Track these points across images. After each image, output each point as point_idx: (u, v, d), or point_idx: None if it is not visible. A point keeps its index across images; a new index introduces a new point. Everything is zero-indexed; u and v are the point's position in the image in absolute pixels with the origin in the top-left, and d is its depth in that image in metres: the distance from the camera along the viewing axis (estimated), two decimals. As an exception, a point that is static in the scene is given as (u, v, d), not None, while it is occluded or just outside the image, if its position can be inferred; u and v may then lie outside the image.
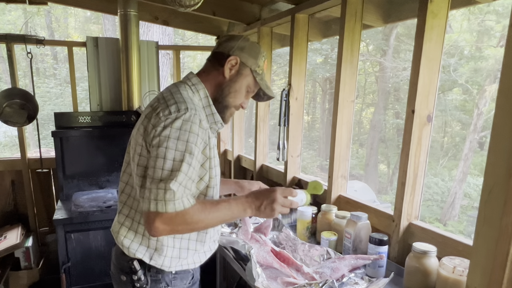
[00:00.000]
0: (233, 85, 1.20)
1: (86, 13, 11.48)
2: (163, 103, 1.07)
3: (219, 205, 1.08)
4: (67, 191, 2.68)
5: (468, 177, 9.37)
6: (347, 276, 1.36)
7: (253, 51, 1.21)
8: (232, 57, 1.17)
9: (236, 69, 1.19)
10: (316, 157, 12.49)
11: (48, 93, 10.62)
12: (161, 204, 0.97)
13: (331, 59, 10.42)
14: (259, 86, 1.25)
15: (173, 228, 1.01)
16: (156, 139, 1.02)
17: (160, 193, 0.98)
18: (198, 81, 1.19)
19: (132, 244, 1.15)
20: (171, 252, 1.16)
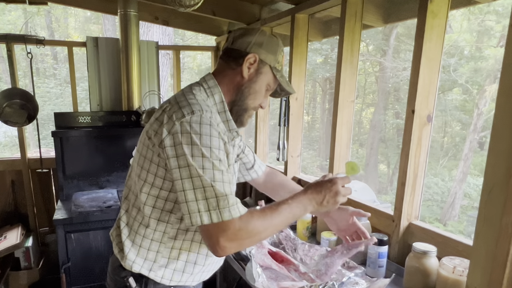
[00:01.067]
0: (253, 85, 1.09)
1: (86, 13, 11.48)
2: (175, 104, 0.98)
3: (279, 208, 0.98)
4: (67, 191, 2.68)
5: (468, 177, 9.37)
6: (347, 276, 1.35)
7: (272, 46, 1.09)
8: (251, 55, 1.06)
9: (255, 68, 1.08)
10: (316, 157, 12.48)
11: (48, 93, 10.62)
12: (216, 213, 0.88)
13: (331, 59, 10.42)
14: (277, 83, 1.14)
15: (240, 243, 0.92)
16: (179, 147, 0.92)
17: (211, 201, 0.88)
18: (215, 84, 1.08)
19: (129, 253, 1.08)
20: (174, 265, 1.08)
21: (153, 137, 0.98)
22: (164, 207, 1.04)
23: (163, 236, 1.06)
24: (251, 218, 0.92)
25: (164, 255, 1.07)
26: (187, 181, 0.90)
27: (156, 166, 1.00)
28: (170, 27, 3.69)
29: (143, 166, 1.03)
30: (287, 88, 1.16)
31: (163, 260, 1.08)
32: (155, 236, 1.06)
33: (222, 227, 0.88)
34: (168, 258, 1.08)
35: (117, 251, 1.11)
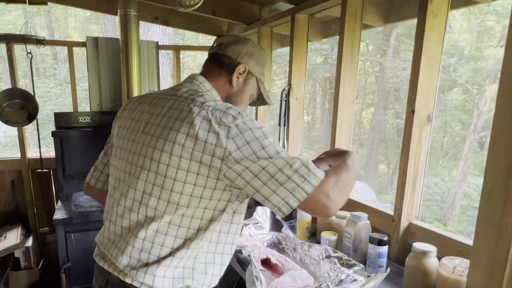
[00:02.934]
0: (240, 95, 1.13)
1: (86, 13, 11.48)
2: (214, 110, 0.94)
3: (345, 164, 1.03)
4: (67, 191, 2.68)
5: (468, 177, 9.37)
6: (345, 273, 1.35)
7: (260, 59, 1.14)
8: (241, 66, 1.09)
9: (243, 78, 1.11)
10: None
11: (48, 93, 10.62)
12: (313, 178, 0.90)
13: (331, 59, 10.42)
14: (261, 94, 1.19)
15: (341, 194, 0.95)
16: (246, 147, 0.90)
17: (302, 170, 0.89)
18: (211, 87, 1.09)
19: (167, 271, 0.99)
20: (211, 269, 1.06)
21: (196, 146, 0.92)
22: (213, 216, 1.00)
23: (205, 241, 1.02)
24: (336, 172, 0.97)
25: (201, 260, 1.04)
26: (271, 167, 0.89)
27: (204, 178, 0.94)
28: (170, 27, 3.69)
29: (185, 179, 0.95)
30: (267, 100, 1.21)
31: (200, 265, 1.04)
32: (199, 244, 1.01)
33: (324, 184, 0.91)
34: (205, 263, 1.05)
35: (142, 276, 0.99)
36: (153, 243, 0.99)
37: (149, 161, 0.97)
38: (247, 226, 1.80)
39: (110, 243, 1.07)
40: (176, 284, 1.00)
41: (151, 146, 0.98)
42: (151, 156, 0.97)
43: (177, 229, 0.99)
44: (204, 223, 1.00)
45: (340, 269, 1.40)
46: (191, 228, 0.99)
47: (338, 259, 1.46)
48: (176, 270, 1.00)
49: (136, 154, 1.01)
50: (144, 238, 0.99)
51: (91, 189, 1.31)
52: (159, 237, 0.98)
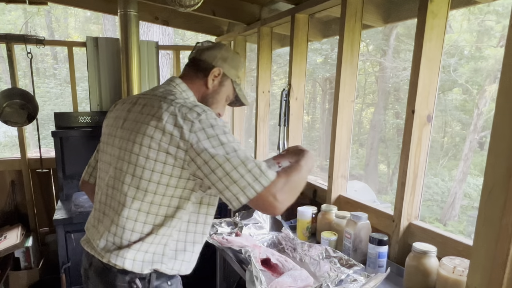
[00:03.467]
0: (216, 96, 1.23)
1: (86, 13, 11.48)
2: (181, 107, 1.04)
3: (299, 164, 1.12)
4: (67, 191, 2.68)
5: (468, 177, 9.36)
6: (345, 273, 1.36)
7: (235, 62, 1.23)
8: (216, 69, 1.19)
9: (219, 80, 1.21)
10: (316, 157, 12.48)
11: (48, 93, 10.61)
12: (263, 178, 0.98)
13: (331, 59, 10.41)
14: (235, 94, 1.29)
15: (290, 194, 1.02)
16: (206, 141, 0.99)
17: (255, 171, 0.98)
18: (187, 88, 1.19)
19: (137, 254, 1.08)
20: (181, 256, 1.14)
21: (163, 138, 1.01)
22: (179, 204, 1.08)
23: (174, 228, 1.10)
24: (286, 173, 1.04)
25: (171, 247, 1.11)
26: (227, 164, 0.97)
27: (171, 167, 1.03)
28: (170, 27, 3.69)
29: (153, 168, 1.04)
30: (243, 101, 1.32)
31: (171, 252, 1.11)
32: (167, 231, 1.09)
33: (273, 185, 0.98)
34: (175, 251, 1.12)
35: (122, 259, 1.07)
36: (124, 229, 1.08)
37: (124, 152, 1.09)
38: (247, 226, 1.80)
39: (93, 229, 1.18)
40: (145, 267, 1.08)
41: (127, 139, 1.09)
42: (126, 147, 1.08)
43: (146, 216, 1.07)
44: (172, 210, 1.08)
45: (340, 269, 1.40)
46: (159, 215, 1.07)
47: (338, 259, 1.46)
48: (146, 254, 1.08)
49: (116, 147, 1.12)
50: (118, 224, 1.09)
51: (86, 184, 1.40)
52: (129, 223, 1.07)
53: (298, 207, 1.81)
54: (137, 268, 1.08)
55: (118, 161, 1.11)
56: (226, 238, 1.67)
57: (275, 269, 1.46)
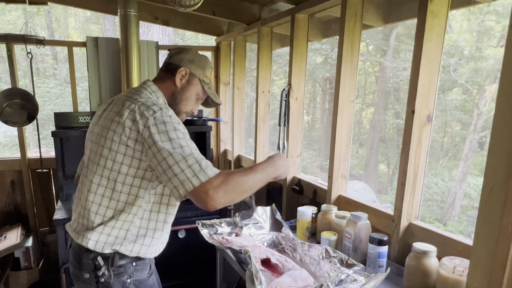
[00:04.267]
0: (184, 93, 1.36)
1: (86, 13, 11.47)
2: (141, 105, 1.18)
3: (255, 166, 1.19)
4: (67, 191, 2.67)
5: (468, 177, 9.36)
6: (345, 273, 1.36)
7: (201, 63, 1.37)
8: (182, 68, 1.33)
9: (186, 79, 1.35)
10: (316, 157, 12.48)
11: (48, 93, 10.61)
12: (202, 174, 1.06)
13: (331, 59, 10.41)
14: (207, 94, 1.41)
15: (226, 192, 1.07)
16: (156, 136, 1.11)
17: (195, 167, 1.07)
18: (157, 88, 1.33)
19: (100, 236, 1.22)
20: (141, 240, 1.26)
21: (126, 132, 1.16)
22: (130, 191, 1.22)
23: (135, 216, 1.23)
24: (230, 173, 1.11)
25: (132, 233, 1.24)
26: (170, 158, 1.08)
27: (129, 158, 1.17)
28: (170, 27, 3.69)
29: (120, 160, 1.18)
30: (213, 99, 1.45)
31: (132, 236, 1.24)
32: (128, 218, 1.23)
33: (209, 183, 1.06)
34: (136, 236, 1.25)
35: (86, 239, 1.23)
36: (90, 212, 1.24)
37: (97, 146, 1.24)
38: (247, 226, 1.80)
39: (73, 213, 1.35)
40: (105, 248, 1.23)
41: (99, 134, 1.24)
42: (98, 141, 1.23)
43: (108, 201, 1.22)
44: (131, 198, 1.21)
45: (340, 269, 1.40)
46: (120, 201, 1.22)
47: (338, 259, 1.46)
48: (108, 237, 1.23)
49: (93, 142, 1.28)
50: (85, 207, 1.25)
51: (78, 178, 1.53)
52: (94, 206, 1.23)
53: (298, 207, 1.81)
54: (98, 248, 1.22)
55: (91, 153, 1.27)
56: (226, 238, 1.67)
57: (275, 269, 1.46)
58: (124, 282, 1.26)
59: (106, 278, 1.23)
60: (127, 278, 1.26)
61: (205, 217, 1.99)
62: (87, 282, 1.27)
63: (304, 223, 1.77)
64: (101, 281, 1.23)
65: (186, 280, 2.58)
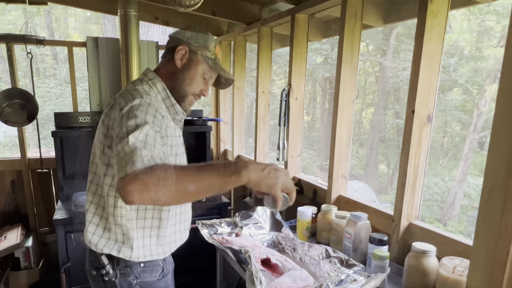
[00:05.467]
0: (186, 72, 1.23)
1: (86, 13, 11.47)
2: (120, 100, 1.12)
3: (201, 166, 0.92)
4: (67, 191, 2.68)
5: (468, 177, 9.36)
6: (345, 273, 1.35)
7: (201, 39, 1.24)
8: (181, 47, 1.21)
9: (187, 58, 1.23)
10: (316, 157, 12.48)
11: (48, 93, 10.61)
12: (130, 165, 0.89)
13: (331, 59, 10.41)
14: (214, 72, 1.27)
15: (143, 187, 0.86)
16: (117, 126, 1.03)
17: (127, 157, 0.92)
18: (155, 75, 1.24)
19: (100, 240, 1.21)
20: (137, 243, 1.20)
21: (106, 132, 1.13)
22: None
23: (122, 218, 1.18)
24: (160, 164, 0.91)
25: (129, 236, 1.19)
26: (119, 146, 0.97)
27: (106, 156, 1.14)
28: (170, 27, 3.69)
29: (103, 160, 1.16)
30: (223, 74, 1.29)
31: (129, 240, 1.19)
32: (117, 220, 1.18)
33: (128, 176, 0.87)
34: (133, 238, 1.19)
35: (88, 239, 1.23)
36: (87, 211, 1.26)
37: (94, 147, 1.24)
38: (247, 226, 1.80)
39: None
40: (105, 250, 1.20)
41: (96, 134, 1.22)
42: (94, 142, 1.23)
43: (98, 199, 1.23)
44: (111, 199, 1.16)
45: (340, 269, 1.40)
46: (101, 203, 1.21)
47: (338, 259, 1.46)
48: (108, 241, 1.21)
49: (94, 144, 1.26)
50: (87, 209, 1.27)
51: None
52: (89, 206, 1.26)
53: (298, 207, 1.81)
54: (99, 249, 1.21)
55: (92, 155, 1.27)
56: (226, 238, 1.67)
57: (275, 269, 1.46)
58: (130, 283, 1.22)
59: (111, 277, 1.21)
60: (133, 279, 1.22)
61: (205, 217, 1.99)
62: (94, 279, 1.26)
63: (304, 223, 1.77)
64: (106, 280, 1.21)
65: (186, 280, 2.58)
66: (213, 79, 1.30)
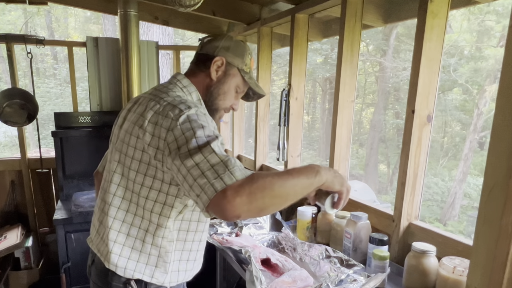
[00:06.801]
0: (221, 86, 1.16)
1: (86, 13, 11.48)
2: (166, 104, 0.98)
3: (288, 170, 0.90)
4: (67, 191, 2.68)
5: (468, 177, 9.36)
6: (345, 273, 1.36)
7: (239, 50, 1.17)
8: (218, 58, 1.13)
9: (223, 70, 1.15)
10: (316, 157, 12.48)
11: (48, 93, 10.61)
12: (227, 175, 0.81)
13: (331, 59, 10.42)
14: (248, 85, 1.20)
15: (252, 197, 0.80)
16: (181, 138, 0.90)
17: (219, 168, 0.83)
18: (189, 83, 1.14)
19: (128, 263, 1.06)
20: (172, 266, 1.10)
21: (147, 139, 0.97)
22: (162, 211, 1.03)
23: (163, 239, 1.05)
24: (256, 173, 0.86)
25: (166, 260, 1.07)
26: (189, 161, 0.85)
27: (153, 169, 0.99)
28: (170, 27, 3.69)
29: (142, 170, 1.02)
30: (256, 90, 1.22)
31: (165, 264, 1.08)
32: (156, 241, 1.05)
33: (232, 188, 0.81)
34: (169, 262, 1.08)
35: (114, 261, 1.07)
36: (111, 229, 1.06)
37: (119, 154, 1.07)
38: (247, 226, 1.80)
39: (92, 225, 1.21)
40: (136, 274, 1.07)
41: (122, 140, 1.07)
42: (121, 149, 1.06)
43: (132, 217, 1.05)
44: (155, 217, 1.03)
45: (340, 269, 1.40)
46: (145, 219, 1.04)
47: (338, 259, 1.46)
48: (138, 264, 1.07)
49: (115, 149, 1.10)
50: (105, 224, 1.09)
51: (97, 174, 1.41)
52: (116, 223, 1.06)
53: (298, 207, 1.81)
54: (128, 274, 1.06)
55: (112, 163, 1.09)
56: (226, 238, 1.68)
57: (275, 269, 1.46)
58: None
59: None
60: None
61: (205, 217, 1.99)
62: None
63: (304, 223, 1.77)
64: None
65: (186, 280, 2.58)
66: (243, 93, 1.24)
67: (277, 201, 0.86)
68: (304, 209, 1.78)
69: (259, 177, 0.83)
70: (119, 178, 1.07)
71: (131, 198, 1.05)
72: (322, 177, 0.92)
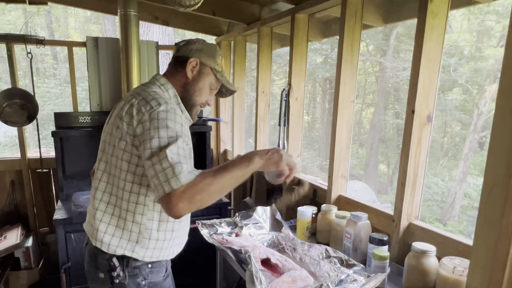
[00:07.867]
0: (197, 84, 1.31)
1: (86, 13, 11.48)
2: (141, 100, 1.15)
3: (225, 165, 1.09)
4: (67, 191, 2.68)
5: (468, 177, 9.36)
6: (345, 273, 1.35)
7: (211, 51, 1.32)
8: (192, 59, 1.28)
9: (198, 69, 1.29)
10: (316, 157, 12.48)
11: (48, 93, 10.61)
12: (174, 180, 1.00)
13: (331, 59, 10.41)
14: (221, 83, 1.36)
15: (192, 200, 1.00)
16: (147, 132, 1.08)
17: (168, 172, 1.01)
18: (166, 81, 1.29)
19: (112, 239, 1.21)
20: (153, 244, 1.23)
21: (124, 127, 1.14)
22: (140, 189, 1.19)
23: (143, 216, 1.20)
24: (198, 175, 1.03)
25: (145, 236, 1.21)
26: (155, 158, 1.04)
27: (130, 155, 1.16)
28: (170, 27, 3.70)
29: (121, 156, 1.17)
30: (228, 86, 1.38)
31: (144, 240, 1.21)
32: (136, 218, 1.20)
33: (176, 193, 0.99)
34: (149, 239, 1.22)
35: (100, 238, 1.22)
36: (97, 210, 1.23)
37: (104, 144, 1.24)
38: (247, 226, 1.80)
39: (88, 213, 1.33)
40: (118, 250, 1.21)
41: (108, 132, 1.23)
42: (107, 140, 1.23)
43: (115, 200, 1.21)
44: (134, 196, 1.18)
45: (340, 269, 1.40)
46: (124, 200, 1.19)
47: (338, 259, 1.46)
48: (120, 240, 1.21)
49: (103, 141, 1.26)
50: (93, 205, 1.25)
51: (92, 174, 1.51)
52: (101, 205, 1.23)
53: (298, 207, 1.81)
54: (111, 250, 1.21)
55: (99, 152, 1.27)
56: (226, 238, 1.67)
57: (275, 269, 1.46)
58: (138, 284, 1.24)
59: (121, 279, 1.22)
60: (142, 280, 1.24)
61: (205, 217, 1.99)
62: (101, 282, 1.25)
63: (304, 223, 1.77)
64: (115, 282, 1.22)
65: (186, 280, 2.58)
66: (217, 90, 1.39)
67: (214, 197, 1.06)
68: (304, 209, 1.78)
69: (200, 180, 1.02)
70: (104, 165, 1.24)
71: (113, 182, 1.21)
72: (256, 164, 1.11)
